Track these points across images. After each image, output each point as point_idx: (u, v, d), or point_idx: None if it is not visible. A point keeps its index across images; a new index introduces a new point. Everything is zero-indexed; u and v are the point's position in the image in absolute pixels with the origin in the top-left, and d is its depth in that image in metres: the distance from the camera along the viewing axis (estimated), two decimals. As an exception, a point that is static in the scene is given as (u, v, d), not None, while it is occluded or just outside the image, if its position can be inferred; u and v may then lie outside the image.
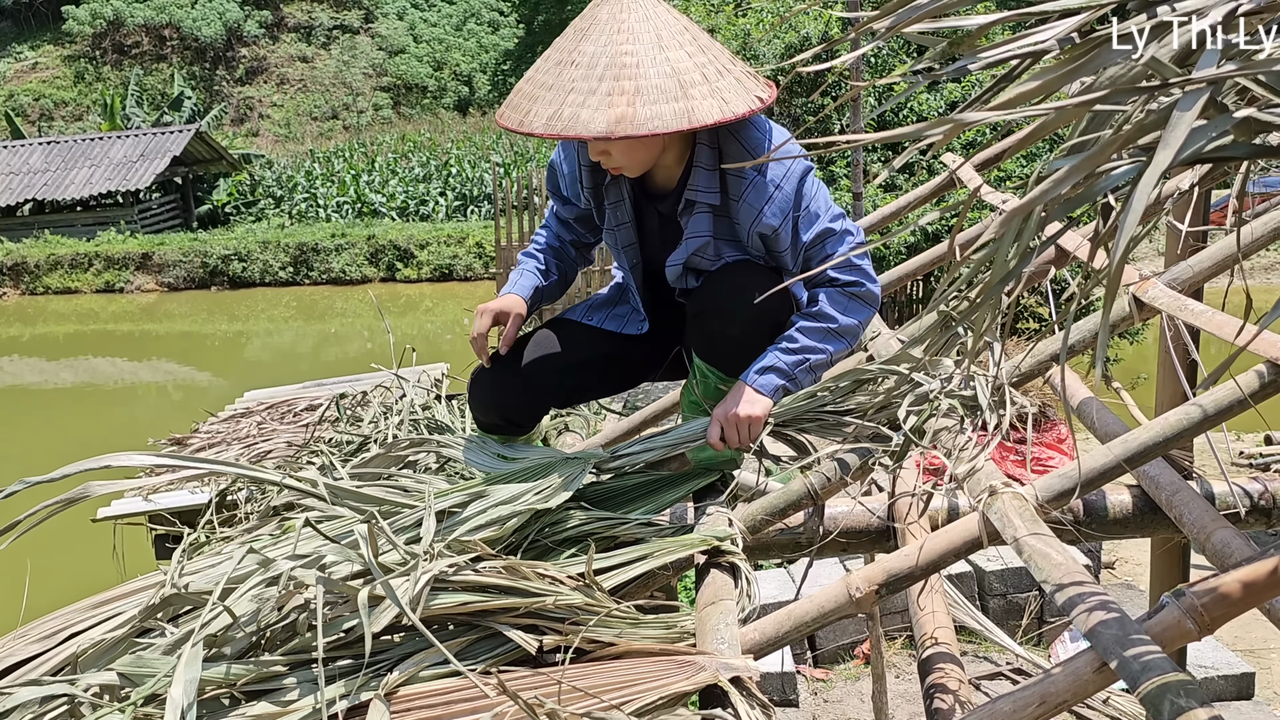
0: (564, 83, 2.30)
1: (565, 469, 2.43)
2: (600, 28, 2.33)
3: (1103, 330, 1.11)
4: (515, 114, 2.35)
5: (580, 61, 2.31)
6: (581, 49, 2.32)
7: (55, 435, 15.03)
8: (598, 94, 2.27)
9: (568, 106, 2.27)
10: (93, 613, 2.13)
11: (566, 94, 2.29)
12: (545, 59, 2.38)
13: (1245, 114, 1.08)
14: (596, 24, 2.34)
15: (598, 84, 2.28)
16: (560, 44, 2.37)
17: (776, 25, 12.48)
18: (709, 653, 1.84)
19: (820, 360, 2.55)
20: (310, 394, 5.97)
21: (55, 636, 2.06)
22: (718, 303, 2.53)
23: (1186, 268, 2.63)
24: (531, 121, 2.31)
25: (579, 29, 2.36)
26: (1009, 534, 1.77)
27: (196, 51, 44.43)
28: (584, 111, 2.26)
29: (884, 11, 1.19)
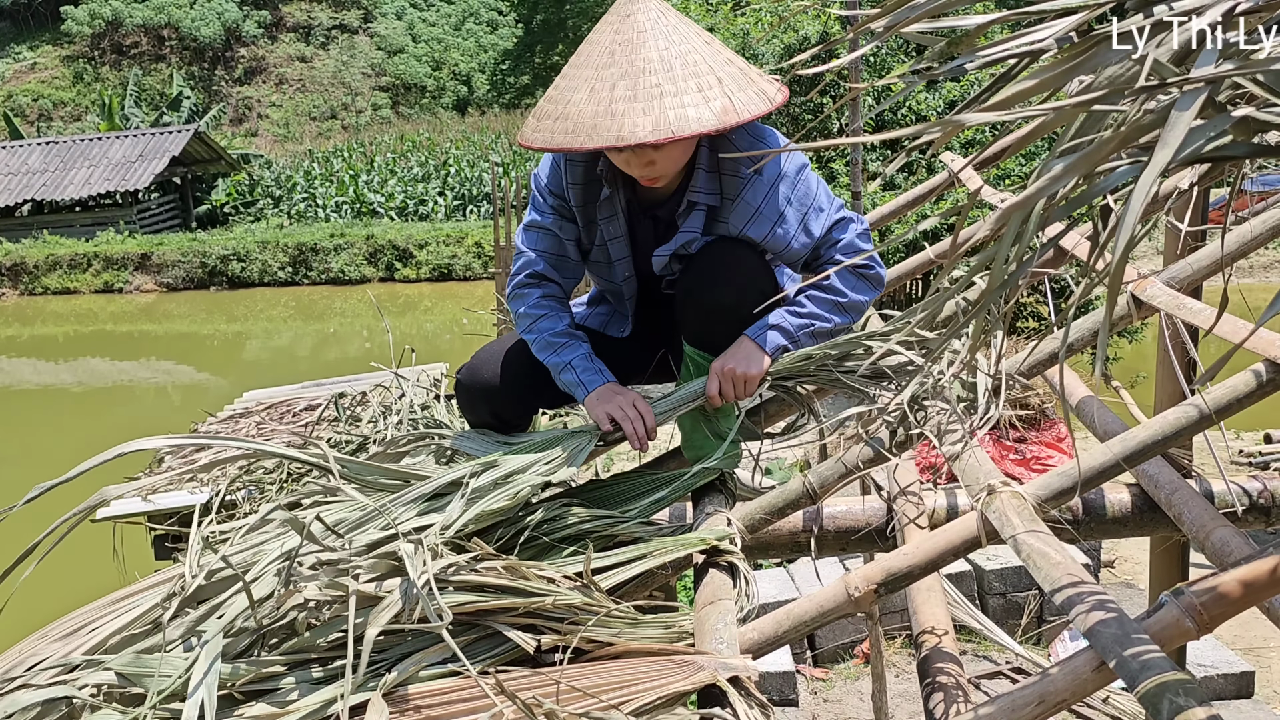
0: (647, 88, 2.26)
1: (570, 441, 2.45)
2: (649, 34, 2.32)
3: (1104, 330, 1.11)
4: (602, 134, 2.26)
5: (652, 67, 2.28)
6: (643, 55, 2.29)
7: (54, 436, 15.03)
8: (690, 92, 2.26)
9: (670, 109, 2.24)
10: (112, 608, 2.14)
11: (658, 98, 2.25)
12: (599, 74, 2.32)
13: (1243, 113, 1.08)
14: (643, 31, 2.32)
15: (685, 82, 2.28)
16: (608, 57, 2.32)
17: (775, 25, 12.48)
18: (707, 652, 1.84)
19: (823, 329, 2.58)
20: (309, 394, 5.98)
21: (78, 635, 2.07)
22: (709, 275, 2.53)
23: (1185, 266, 2.63)
24: (634, 132, 2.23)
25: (628, 40, 2.32)
26: (1007, 533, 1.77)
27: (195, 52, 44.43)
28: (690, 110, 2.25)
29: (882, 11, 1.19)
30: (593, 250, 2.69)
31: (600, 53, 2.34)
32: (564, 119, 2.31)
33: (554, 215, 2.66)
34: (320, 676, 1.83)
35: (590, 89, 2.30)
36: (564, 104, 2.33)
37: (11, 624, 2.21)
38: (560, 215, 2.66)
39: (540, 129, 2.36)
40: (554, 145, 2.31)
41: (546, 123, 2.35)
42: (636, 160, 2.39)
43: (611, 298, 2.86)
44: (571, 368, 2.57)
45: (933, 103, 11.72)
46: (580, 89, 2.32)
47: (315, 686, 1.81)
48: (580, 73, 2.35)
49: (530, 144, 2.38)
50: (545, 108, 2.39)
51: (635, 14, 2.35)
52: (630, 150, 2.33)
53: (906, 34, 1.22)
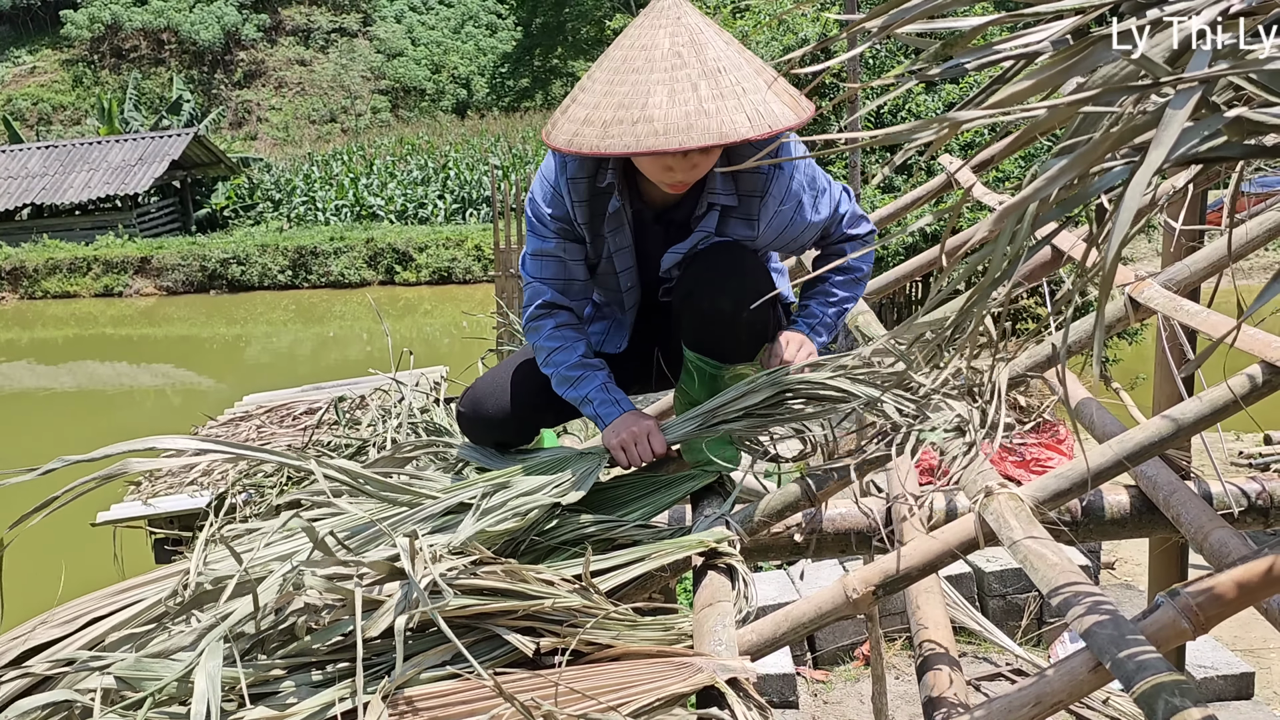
0: (730, 86, 2.26)
1: (578, 464, 2.46)
2: (705, 34, 2.32)
3: (1098, 330, 1.11)
4: (700, 133, 2.23)
5: (724, 66, 2.28)
6: (711, 55, 2.29)
7: (55, 440, 15.02)
8: (762, 89, 2.28)
9: (759, 105, 2.26)
10: (115, 598, 2.15)
11: (743, 95, 2.26)
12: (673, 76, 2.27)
13: (1237, 113, 1.09)
14: (700, 32, 2.32)
15: (757, 79, 2.29)
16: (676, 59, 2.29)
17: (773, 27, 12.49)
18: (706, 654, 1.84)
19: (850, 306, 2.76)
20: (309, 397, 5.98)
21: (77, 620, 2.08)
22: (708, 280, 2.53)
23: (1182, 268, 2.63)
24: (735, 129, 2.23)
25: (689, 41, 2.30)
26: (1005, 535, 1.77)
27: (195, 55, 44.44)
28: (773, 105, 2.27)
29: (876, 13, 1.19)
30: (600, 264, 2.67)
31: (664, 55, 2.29)
32: (647, 122, 2.24)
33: (557, 239, 2.61)
34: (320, 679, 1.83)
35: (669, 91, 2.25)
36: (641, 108, 2.26)
37: (11, 625, 2.22)
38: (563, 237, 2.61)
39: (615, 134, 2.27)
40: (643, 149, 2.25)
41: (622, 128, 2.27)
42: (684, 165, 2.36)
43: (612, 308, 2.85)
44: (589, 401, 2.58)
45: (932, 105, 11.73)
46: (656, 91, 2.26)
47: (315, 689, 1.81)
48: (647, 76, 2.28)
49: (604, 151, 2.28)
50: (610, 114, 2.29)
51: (684, 16, 2.34)
52: (682, 155, 2.31)
53: (901, 35, 1.23)
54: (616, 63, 2.34)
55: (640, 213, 2.63)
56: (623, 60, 2.34)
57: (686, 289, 2.56)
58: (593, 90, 2.36)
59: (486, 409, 2.71)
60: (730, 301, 2.51)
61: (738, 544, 2.23)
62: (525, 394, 2.70)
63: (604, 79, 2.34)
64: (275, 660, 1.86)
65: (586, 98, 2.36)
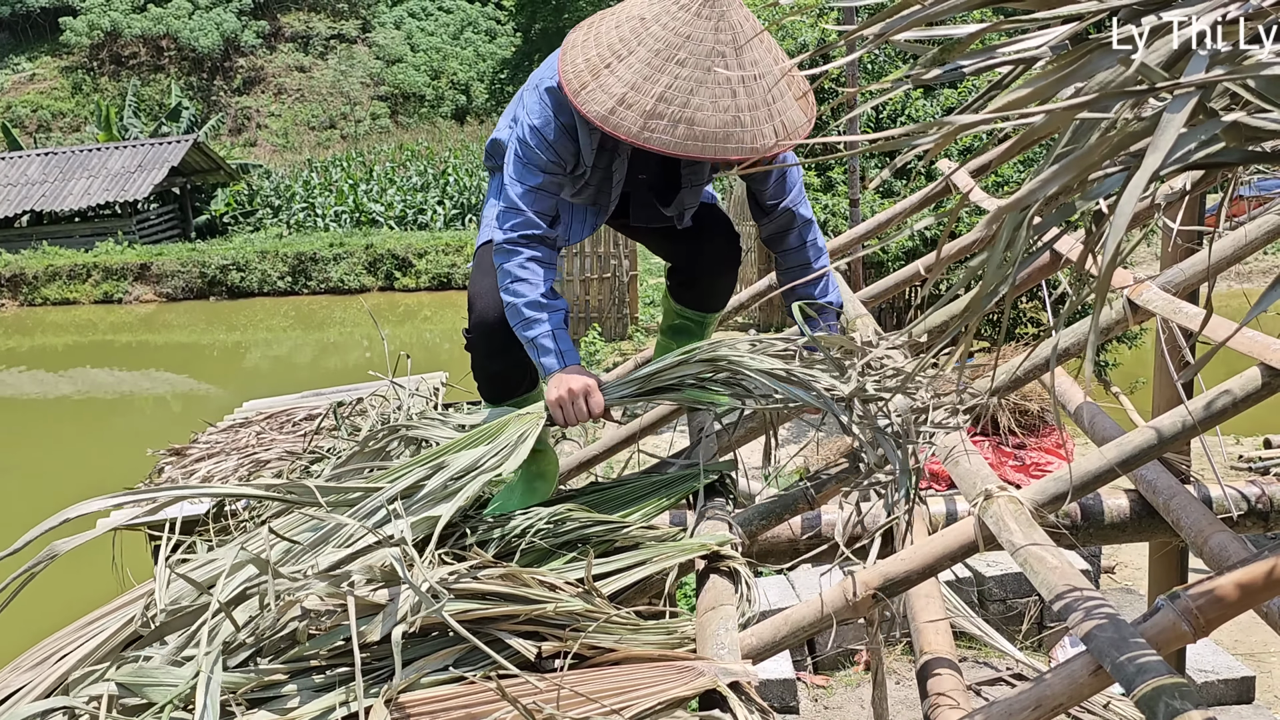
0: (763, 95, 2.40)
1: (516, 427, 2.44)
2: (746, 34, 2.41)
3: (1093, 334, 1.11)
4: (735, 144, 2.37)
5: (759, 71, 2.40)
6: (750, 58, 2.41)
7: (55, 447, 15.02)
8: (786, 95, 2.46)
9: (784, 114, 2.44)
10: (80, 633, 2.14)
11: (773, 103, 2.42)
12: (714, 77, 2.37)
13: (1233, 118, 1.09)
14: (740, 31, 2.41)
15: (783, 86, 2.46)
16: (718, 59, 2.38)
17: (772, 32, 12.50)
18: (708, 658, 1.85)
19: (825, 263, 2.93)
20: (309, 403, 5.97)
21: (46, 663, 2.07)
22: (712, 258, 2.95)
23: (1180, 271, 2.64)
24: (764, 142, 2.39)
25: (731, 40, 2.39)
26: (1004, 538, 1.78)
27: (194, 62, 44.45)
28: (793, 114, 2.48)
29: (873, 20, 1.20)
30: (591, 179, 2.72)
31: (708, 52, 2.37)
32: (688, 124, 2.35)
33: (555, 175, 2.64)
34: (321, 684, 1.83)
35: (711, 96, 2.35)
36: (682, 106, 2.35)
37: (11, 631, 2.22)
38: (560, 173, 2.65)
39: (654, 128, 2.37)
40: (682, 152, 2.37)
41: (663, 123, 2.36)
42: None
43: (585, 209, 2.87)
44: (536, 345, 2.58)
45: (930, 110, 11.74)
46: (698, 92, 2.36)
47: (316, 694, 1.81)
48: (690, 71, 2.36)
49: (648, 145, 2.38)
50: (650, 104, 2.36)
51: (729, 12, 2.40)
52: None
53: (897, 42, 1.23)
54: (659, 43, 2.39)
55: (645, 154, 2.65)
56: (665, 44, 2.39)
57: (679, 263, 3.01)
58: (631, 65, 2.40)
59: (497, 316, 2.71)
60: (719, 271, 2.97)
61: (740, 546, 2.23)
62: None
63: (643, 58, 2.40)
64: (275, 665, 1.86)
65: (624, 72, 2.40)
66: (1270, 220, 2.53)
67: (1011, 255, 1.25)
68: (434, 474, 2.32)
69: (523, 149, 2.63)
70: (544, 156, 2.61)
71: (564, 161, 2.62)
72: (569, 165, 2.64)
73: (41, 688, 1.98)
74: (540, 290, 2.60)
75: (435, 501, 2.24)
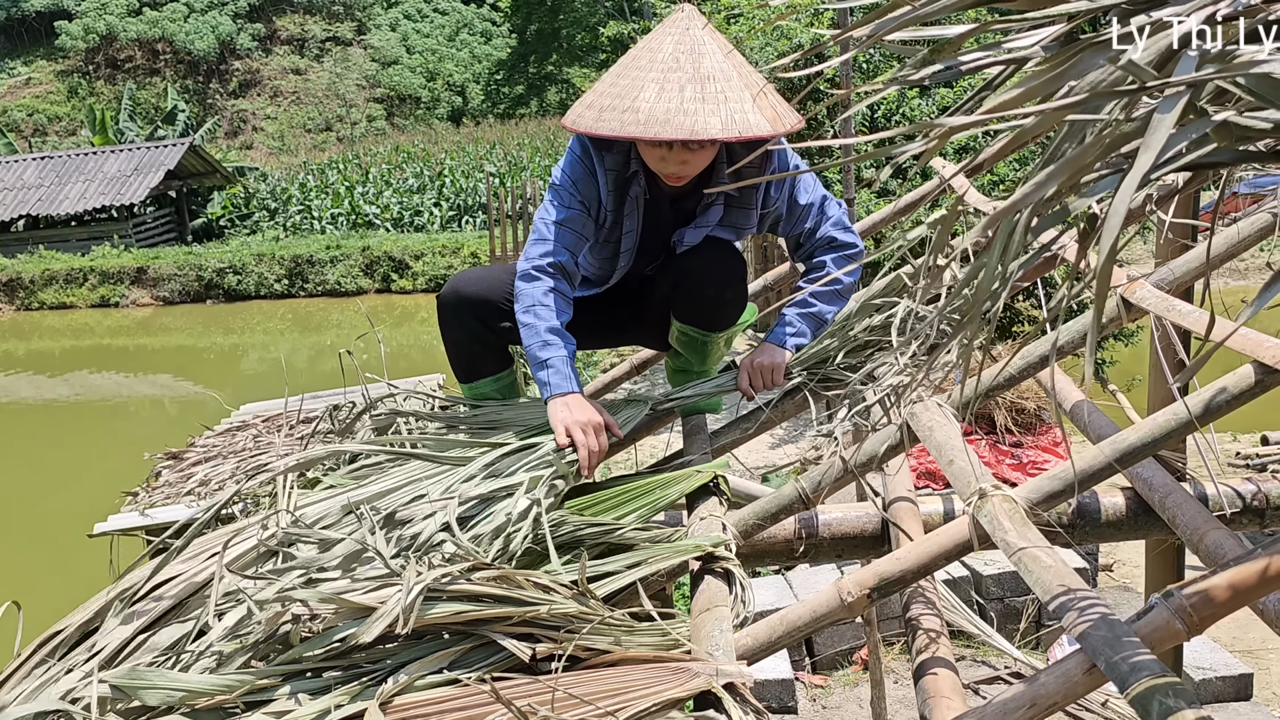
0: (714, 93, 2.58)
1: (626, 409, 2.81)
2: (708, 46, 2.65)
3: (1092, 335, 1.11)
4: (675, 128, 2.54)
5: (714, 75, 2.60)
6: (706, 64, 2.61)
7: (53, 451, 15.01)
8: (746, 100, 2.59)
9: (735, 113, 2.56)
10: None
11: (724, 102, 2.57)
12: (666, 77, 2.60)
13: (1223, 116, 1.09)
14: (702, 43, 2.65)
15: (742, 91, 2.60)
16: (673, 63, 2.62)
17: (767, 32, 12.51)
18: (703, 659, 1.85)
19: (829, 316, 2.98)
20: (306, 406, 5.97)
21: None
22: (705, 267, 2.92)
23: (1174, 269, 2.64)
24: (707, 129, 2.54)
25: (690, 49, 2.63)
26: (999, 537, 1.77)
27: (190, 65, 44.50)
28: (750, 116, 2.57)
29: (864, 21, 1.20)
30: (606, 235, 2.94)
31: (664, 58, 2.63)
32: (633, 112, 2.58)
33: (580, 212, 2.85)
34: (316, 686, 1.83)
35: (659, 89, 2.59)
36: (632, 99, 2.60)
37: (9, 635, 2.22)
38: (585, 211, 2.86)
39: (605, 119, 2.62)
40: (624, 134, 2.59)
41: (613, 114, 2.61)
42: (674, 158, 2.69)
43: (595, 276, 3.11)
44: (548, 366, 2.72)
45: (926, 109, 11.74)
46: (648, 88, 2.60)
47: (311, 697, 1.81)
48: (645, 74, 2.63)
49: (595, 131, 2.63)
50: (608, 101, 2.65)
51: (692, 28, 2.68)
52: (680, 147, 2.64)
53: (889, 43, 1.24)
54: (628, 59, 2.71)
55: (657, 198, 2.92)
56: (632, 58, 2.71)
57: (676, 277, 2.96)
58: (603, 81, 2.74)
59: (468, 289, 2.97)
60: (715, 287, 2.93)
61: (734, 547, 2.23)
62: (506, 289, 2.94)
63: (614, 72, 2.72)
64: (271, 668, 1.86)
65: (599, 86, 2.74)
66: (1263, 217, 2.54)
67: (1008, 259, 1.25)
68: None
69: (557, 190, 2.87)
70: (572, 196, 2.84)
71: (588, 202, 2.85)
72: (592, 208, 2.85)
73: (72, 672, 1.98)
74: (561, 321, 2.79)
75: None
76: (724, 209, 2.93)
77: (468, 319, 2.96)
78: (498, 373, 3.07)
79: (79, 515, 2.01)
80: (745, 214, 2.94)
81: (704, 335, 3.03)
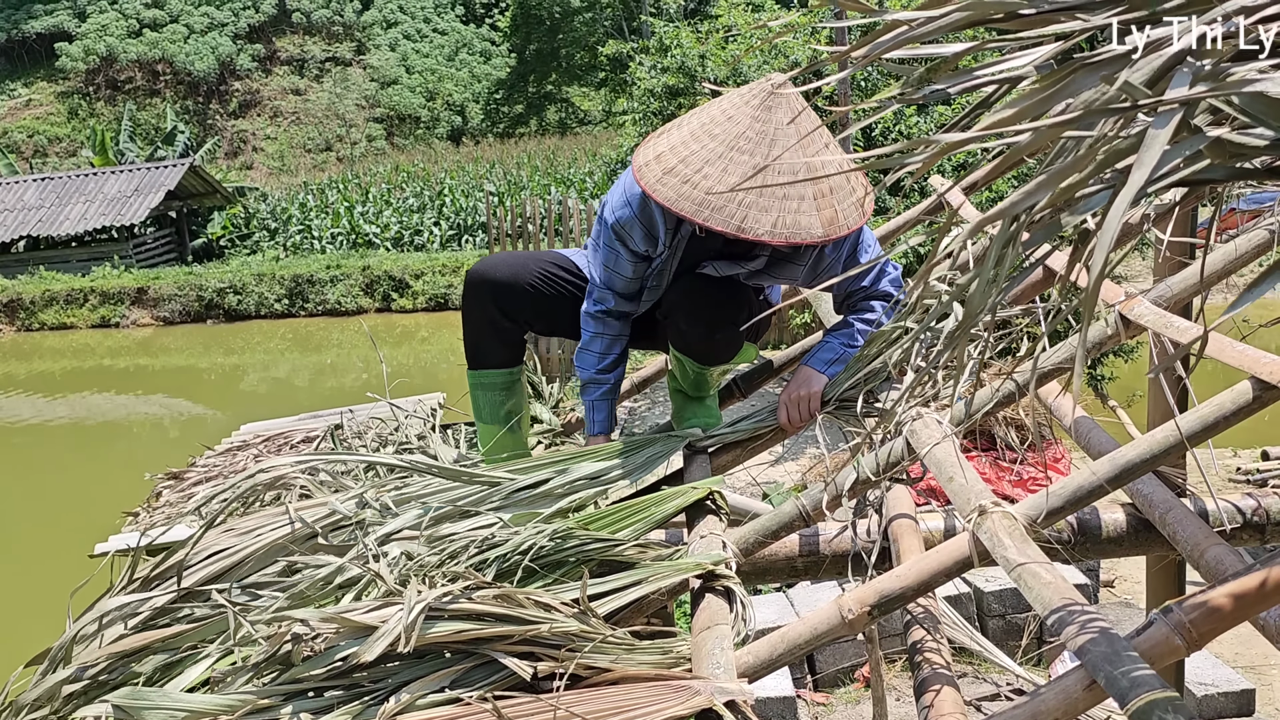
0: (773, 191, 2.54)
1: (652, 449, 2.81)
2: (784, 135, 2.58)
3: (1080, 350, 1.12)
4: (724, 219, 2.54)
5: (779, 169, 2.56)
6: (774, 154, 2.56)
7: (53, 472, 15.01)
8: (806, 199, 2.56)
9: (788, 213, 2.55)
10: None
11: (780, 199, 2.54)
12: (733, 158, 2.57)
13: (1217, 134, 1.10)
14: (780, 130, 2.58)
15: (804, 189, 2.56)
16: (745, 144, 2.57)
17: (765, 50, 12.55)
18: (704, 677, 1.85)
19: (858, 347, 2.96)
20: (307, 426, 5.97)
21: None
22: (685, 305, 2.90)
23: (1171, 285, 2.65)
24: (755, 229, 2.53)
25: (765, 134, 2.58)
26: (998, 554, 1.78)
27: (190, 86, 44.61)
28: (803, 218, 2.55)
29: (860, 42, 1.21)
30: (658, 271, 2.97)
31: (738, 135, 2.58)
32: (691, 186, 2.56)
33: (631, 261, 2.91)
34: (318, 706, 1.84)
35: (722, 171, 2.55)
36: (694, 171, 2.58)
37: (8, 655, 2.22)
38: (637, 258, 2.91)
39: (666, 184, 2.60)
40: (679, 210, 2.57)
41: (673, 180, 2.59)
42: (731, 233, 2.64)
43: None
44: (591, 393, 3.03)
45: (924, 126, 11.77)
46: (714, 164, 2.56)
47: (313, 716, 1.81)
48: (714, 145, 2.58)
49: (655, 195, 2.61)
50: (673, 164, 2.61)
51: (776, 110, 2.60)
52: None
53: (885, 63, 1.25)
54: (707, 120, 2.65)
55: (712, 237, 2.84)
56: (711, 120, 2.64)
57: (668, 309, 2.96)
58: (680, 130, 2.69)
59: (495, 273, 3.06)
60: (704, 326, 2.90)
61: (734, 565, 2.24)
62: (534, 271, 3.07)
63: (690, 128, 2.67)
64: (272, 687, 1.86)
65: (673, 136, 2.69)
66: (1260, 234, 2.54)
67: (1000, 271, 1.26)
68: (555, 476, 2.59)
69: (609, 235, 2.91)
70: (623, 245, 2.89)
71: (640, 242, 2.87)
72: (646, 245, 2.88)
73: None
74: (616, 351, 3.04)
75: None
76: (769, 259, 2.89)
77: (489, 303, 3.05)
78: (506, 366, 3.16)
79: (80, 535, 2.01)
80: (794, 269, 2.92)
81: (698, 367, 3.03)
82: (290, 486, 2.58)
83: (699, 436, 2.92)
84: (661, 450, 2.81)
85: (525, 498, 2.51)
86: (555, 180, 30.54)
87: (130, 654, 2.07)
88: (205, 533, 2.34)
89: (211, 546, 2.33)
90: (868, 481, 2.40)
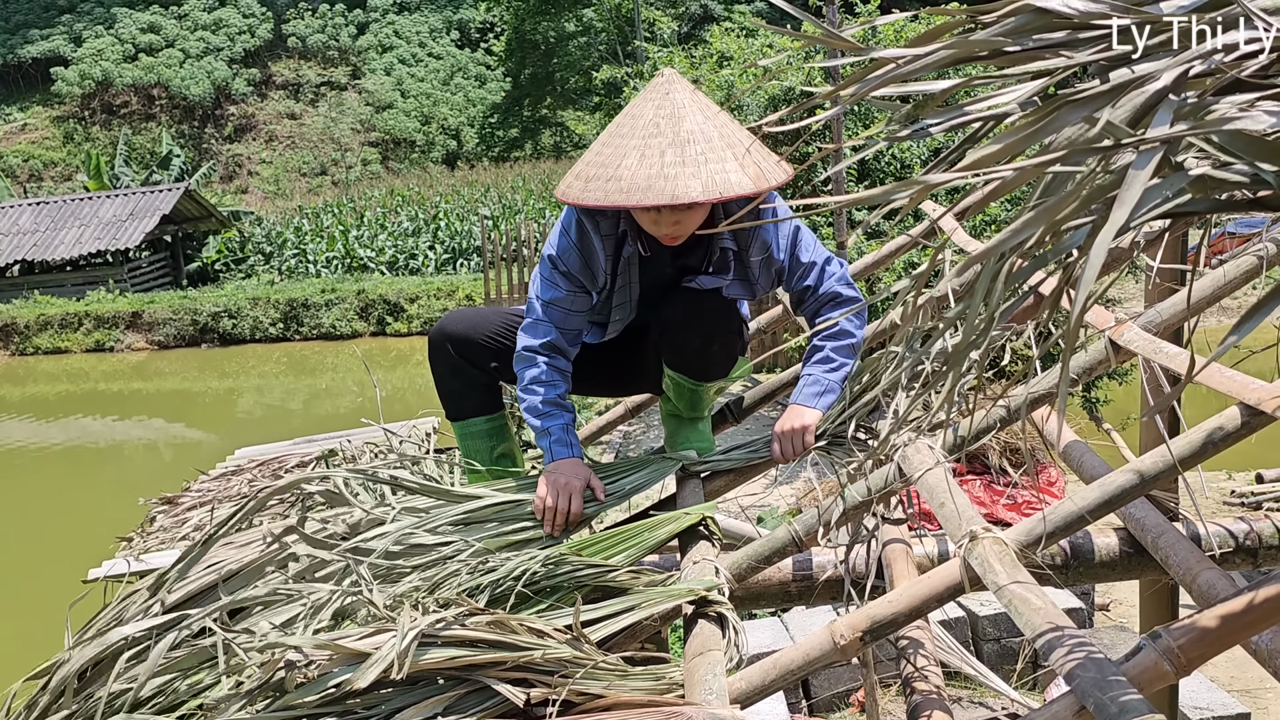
0: (693, 156, 2.59)
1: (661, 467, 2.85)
2: (687, 109, 2.66)
3: (1062, 381, 1.14)
4: (656, 193, 2.56)
5: (694, 137, 2.61)
6: (685, 127, 2.63)
7: (47, 497, 14.97)
8: (729, 159, 2.60)
9: (715, 174, 2.57)
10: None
11: (704, 164, 2.58)
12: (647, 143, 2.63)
13: (1200, 172, 1.12)
14: (682, 106, 2.66)
15: (723, 151, 2.61)
16: (653, 129, 2.64)
17: (758, 75, 12.61)
18: (696, 703, 1.86)
19: (849, 371, 2.95)
20: (301, 450, 5.97)
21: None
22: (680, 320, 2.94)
23: (1160, 311, 2.67)
24: (687, 193, 2.55)
25: (670, 114, 2.65)
26: (989, 579, 1.79)
27: (185, 110, 44.74)
28: (731, 175, 2.58)
29: (849, 81, 1.23)
30: (603, 303, 2.99)
31: (645, 124, 2.65)
32: (616, 180, 2.60)
33: (569, 292, 2.91)
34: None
35: (640, 155, 2.61)
36: (614, 168, 2.62)
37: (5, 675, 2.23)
38: (575, 290, 2.91)
39: (591, 189, 2.63)
40: (609, 203, 2.60)
41: (597, 184, 2.63)
42: (667, 219, 2.70)
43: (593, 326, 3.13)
44: (548, 433, 2.86)
45: (917, 151, 11.85)
46: (630, 155, 2.62)
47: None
48: (627, 141, 2.65)
49: (582, 202, 2.65)
50: (593, 171, 2.66)
51: (673, 92, 2.70)
52: (668, 210, 2.64)
53: (873, 100, 1.27)
54: (612, 128, 2.73)
55: (657, 255, 2.92)
56: (616, 126, 2.72)
57: (664, 325, 2.99)
58: (590, 150, 2.74)
59: (453, 327, 3.06)
60: (700, 338, 2.95)
61: (727, 591, 2.25)
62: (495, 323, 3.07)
63: (600, 141, 2.73)
64: (266, 714, 1.87)
65: (586, 156, 2.74)
66: (1248, 260, 2.57)
67: (991, 304, 1.28)
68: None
69: (544, 270, 2.93)
70: (560, 276, 2.89)
71: (579, 274, 2.88)
72: (585, 278, 2.90)
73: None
74: (558, 392, 2.90)
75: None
76: (735, 263, 2.94)
77: (452, 356, 3.05)
78: (488, 413, 3.15)
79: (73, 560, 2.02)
80: (748, 269, 2.96)
81: (694, 384, 3.05)
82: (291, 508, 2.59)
83: (693, 460, 2.93)
84: (656, 472, 2.83)
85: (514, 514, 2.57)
86: (550, 204, 30.60)
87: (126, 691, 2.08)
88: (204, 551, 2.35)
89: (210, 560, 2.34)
90: (860, 508, 2.41)
